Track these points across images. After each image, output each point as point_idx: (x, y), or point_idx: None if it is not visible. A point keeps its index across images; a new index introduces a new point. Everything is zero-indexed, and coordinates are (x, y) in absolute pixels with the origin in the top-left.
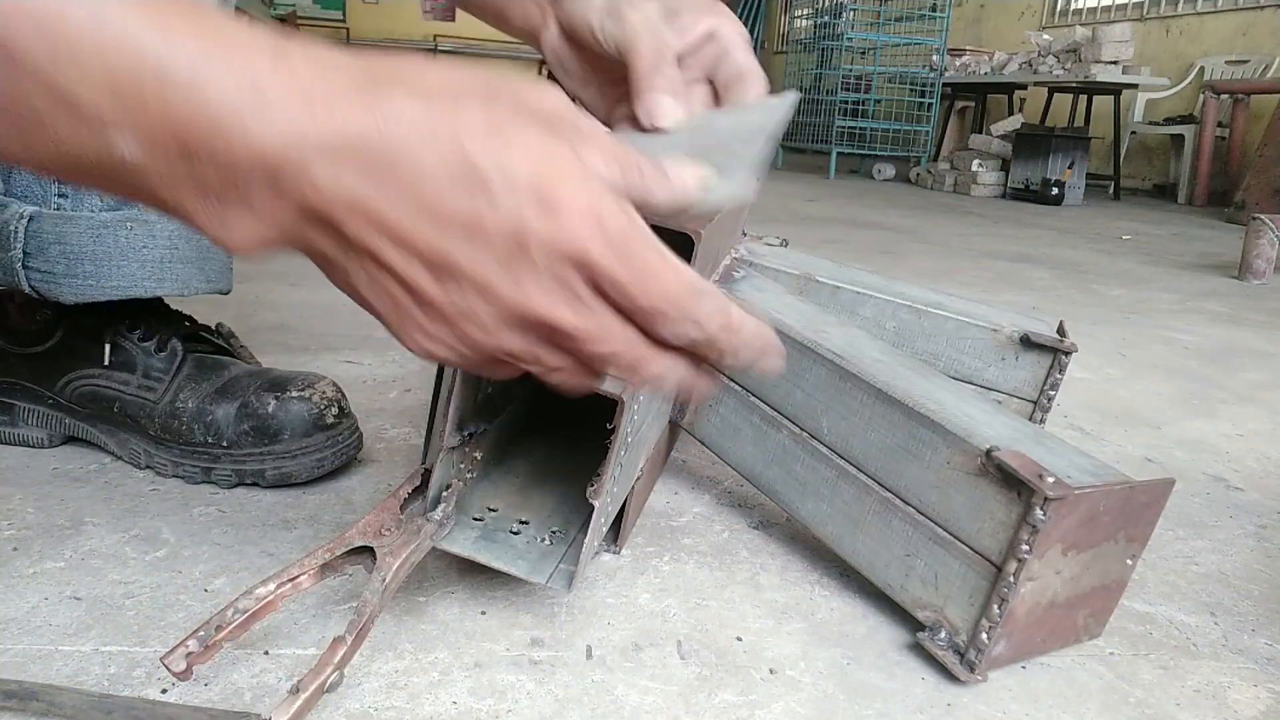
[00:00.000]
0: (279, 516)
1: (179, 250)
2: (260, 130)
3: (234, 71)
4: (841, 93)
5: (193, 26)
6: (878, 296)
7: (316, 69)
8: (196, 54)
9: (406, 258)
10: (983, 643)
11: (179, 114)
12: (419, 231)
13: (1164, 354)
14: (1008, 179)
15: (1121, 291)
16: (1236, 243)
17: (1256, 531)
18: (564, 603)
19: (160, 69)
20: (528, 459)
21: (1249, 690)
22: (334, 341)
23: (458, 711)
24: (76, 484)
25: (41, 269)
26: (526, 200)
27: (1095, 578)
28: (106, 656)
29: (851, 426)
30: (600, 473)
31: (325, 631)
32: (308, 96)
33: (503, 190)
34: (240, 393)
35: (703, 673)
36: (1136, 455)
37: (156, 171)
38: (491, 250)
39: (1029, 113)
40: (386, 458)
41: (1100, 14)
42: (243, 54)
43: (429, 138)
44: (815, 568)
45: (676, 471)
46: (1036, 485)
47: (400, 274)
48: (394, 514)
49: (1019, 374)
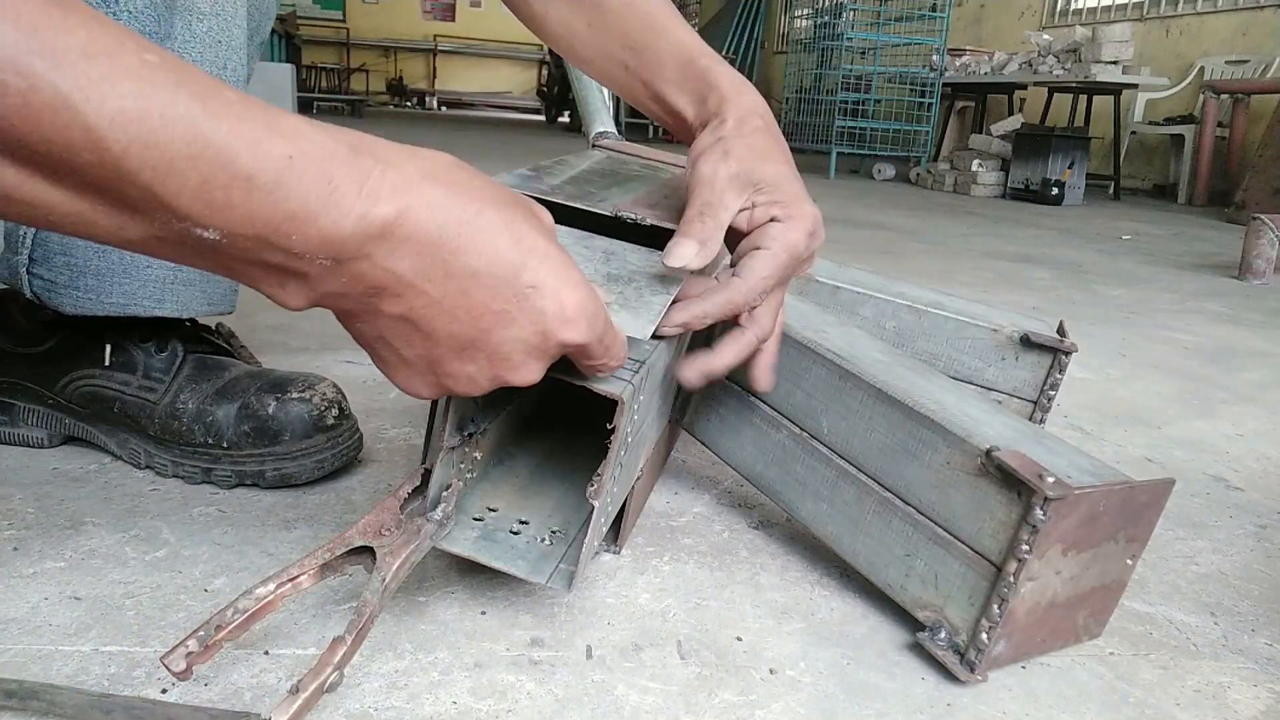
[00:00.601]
0: (279, 517)
1: (182, 272)
2: (331, 224)
3: (311, 176)
4: (841, 93)
5: (277, 136)
6: (878, 296)
7: (386, 166)
8: (281, 159)
9: (440, 330)
10: (983, 643)
11: (260, 213)
12: (459, 313)
13: (1164, 354)
14: (1008, 179)
15: (1121, 291)
16: (1236, 243)
17: (1256, 531)
18: (564, 603)
19: (248, 178)
20: (528, 459)
21: (1249, 690)
22: (334, 341)
23: (458, 711)
24: (76, 484)
25: (45, 277)
26: (550, 305)
27: (1095, 578)
28: (106, 656)
29: (851, 426)
30: (600, 473)
31: (325, 631)
32: (374, 192)
33: (535, 297)
34: (241, 394)
35: (703, 673)
36: (1136, 455)
37: (231, 254)
38: (519, 340)
39: (1029, 113)
40: (386, 458)
41: (1100, 14)
42: (320, 160)
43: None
44: (815, 568)
45: (676, 471)
46: (1036, 485)
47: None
48: (394, 514)
49: (1019, 374)
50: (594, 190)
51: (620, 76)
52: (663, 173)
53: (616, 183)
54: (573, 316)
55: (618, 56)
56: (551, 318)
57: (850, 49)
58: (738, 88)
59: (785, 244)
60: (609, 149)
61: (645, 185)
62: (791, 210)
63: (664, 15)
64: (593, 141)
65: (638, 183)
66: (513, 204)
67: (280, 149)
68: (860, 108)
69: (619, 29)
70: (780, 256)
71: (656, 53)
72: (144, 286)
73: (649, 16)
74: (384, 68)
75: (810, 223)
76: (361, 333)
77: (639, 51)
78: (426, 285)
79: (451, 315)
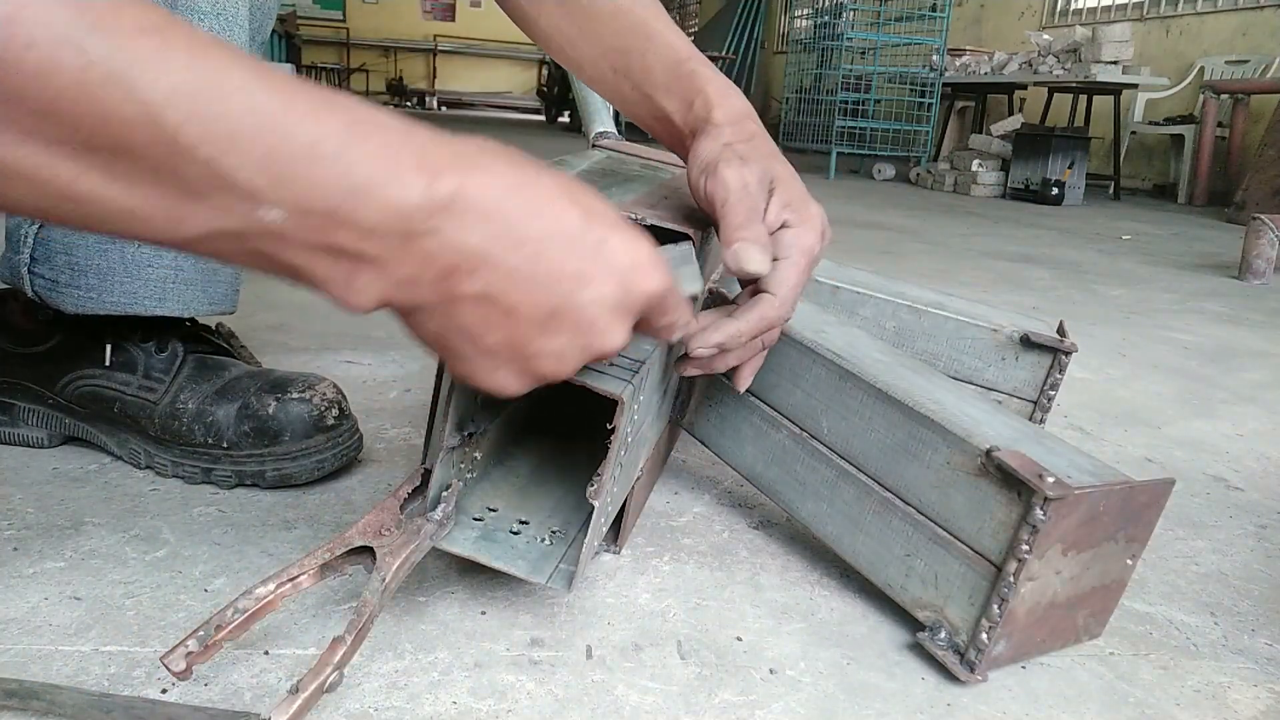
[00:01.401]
0: (279, 517)
1: (183, 271)
2: (398, 194)
3: (373, 145)
4: (841, 93)
5: (332, 108)
6: (878, 296)
7: (439, 143)
8: (341, 131)
9: (522, 303)
10: (983, 643)
11: (326, 185)
12: (539, 280)
13: (1164, 354)
14: (1008, 179)
15: (1121, 291)
16: (1236, 243)
17: (1256, 531)
18: (564, 603)
19: (310, 146)
20: (528, 459)
21: (1249, 690)
22: (334, 341)
23: (458, 711)
24: (76, 484)
25: (46, 276)
26: (623, 257)
27: (1095, 578)
28: (106, 656)
29: (851, 426)
30: (600, 473)
31: (325, 631)
32: (435, 166)
33: (607, 251)
34: (241, 394)
35: (703, 673)
36: (1136, 455)
37: (298, 237)
38: (603, 299)
39: (1029, 113)
40: (386, 458)
41: (1100, 14)
42: (379, 130)
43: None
44: (815, 568)
45: (676, 471)
46: (1036, 485)
47: (510, 315)
48: (394, 514)
49: (1019, 374)
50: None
51: (610, 80)
52: (663, 173)
53: (617, 183)
54: (647, 263)
55: (607, 60)
56: (629, 269)
57: (850, 49)
58: (724, 92)
59: (803, 249)
60: (609, 149)
61: (645, 185)
62: (802, 213)
63: (653, 18)
64: (593, 141)
65: (638, 183)
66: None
67: (340, 118)
68: (860, 108)
69: (608, 33)
70: (801, 264)
71: (644, 56)
72: (145, 285)
73: (638, 21)
74: (384, 68)
75: (819, 223)
76: (439, 329)
77: (627, 55)
78: (501, 256)
79: (531, 283)
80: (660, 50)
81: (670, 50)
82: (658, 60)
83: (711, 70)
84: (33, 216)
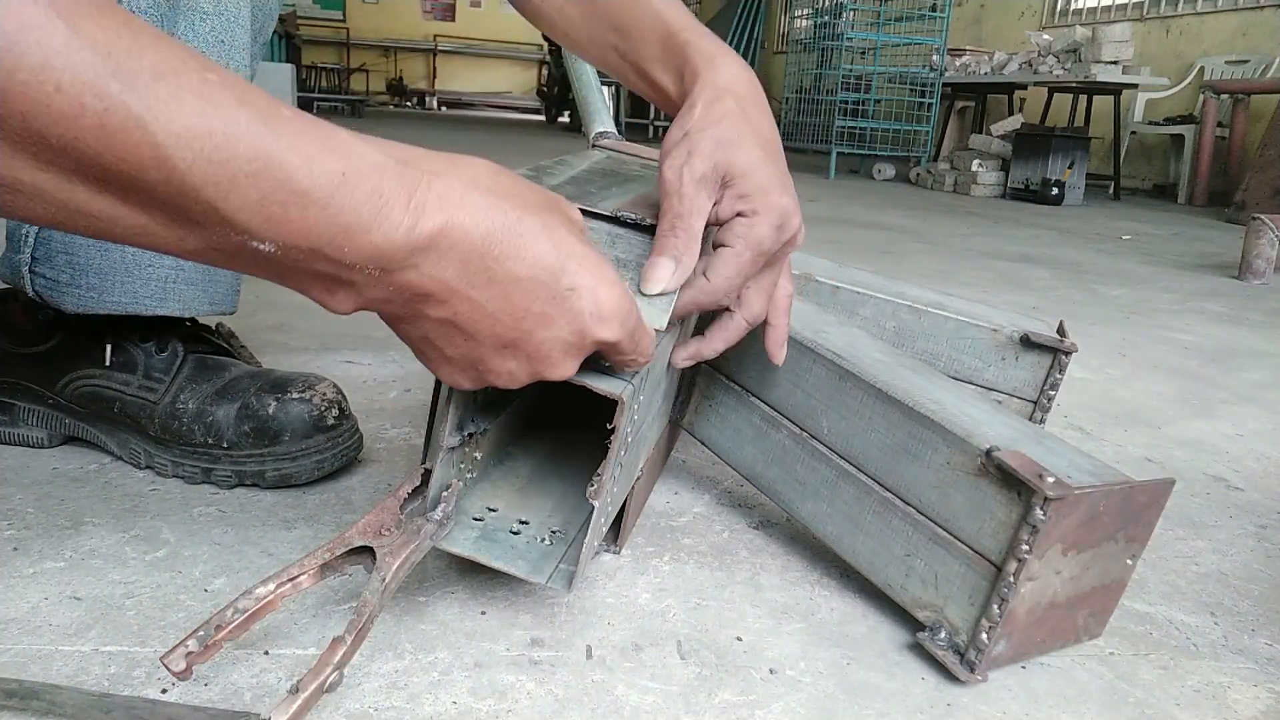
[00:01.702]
0: (279, 517)
1: (184, 271)
2: (382, 238)
3: (364, 191)
4: (841, 93)
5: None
6: (878, 296)
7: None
8: (335, 175)
9: (483, 331)
10: (983, 643)
11: (315, 228)
12: (501, 316)
13: (1164, 354)
14: (1008, 179)
15: (1121, 291)
16: (1236, 243)
17: (1256, 531)
18: (564, 603)
19: (305, 191)
20: (528, 459)
21: (1249, 690)
22: (334, 341)
23: (458, 711)
24: (76, 484)
25: (47, 275)
26: (587, 306)
27: (1095, 578)
28: (106, 656)
29: (851, 426)
30: (600, 473)
31: (325, 631)
32: (421, 207)
33: (573, 299)
34: (241, 394)
35: (703, 673)
36: (1136, 455)
37: (284, 264)
38: (558, 339)
39: (1029, 113)
40: (386, 458)
41: (1100, 14)
42: (373, 174)
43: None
44: (815, 568)
45: (676, 471)
46: (1036, 485)
47: (471, 338)
48: (394, 514)
49: (1019, 374)
50: (594, 190)
51: (612, 60)
52: None
53: (616, 183)
54: (608, 315)
55: (608, 39)
56: (589, 318)
57: (850, 49)
58: (713, 62)
59: (750, 241)
60: (609, 149)
61: (645, 185)
62: (757, 203)
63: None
64: (593, 141)
65: (638, 183)
66: (549, 207)
67: (334, 165)
68: (860, 108)
69: (607, 11)
70: (744, 255)
71: (640, 31)
72: (146, 285)
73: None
74: (384, 68)
75: (776, 215)
76: (406, 333)
77: (625, 32)
78: (471, 291)
79: (494, 318)
80: (654, 23)
81: (662, 23)
82: (652, 33)
83: (704, 39)
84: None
